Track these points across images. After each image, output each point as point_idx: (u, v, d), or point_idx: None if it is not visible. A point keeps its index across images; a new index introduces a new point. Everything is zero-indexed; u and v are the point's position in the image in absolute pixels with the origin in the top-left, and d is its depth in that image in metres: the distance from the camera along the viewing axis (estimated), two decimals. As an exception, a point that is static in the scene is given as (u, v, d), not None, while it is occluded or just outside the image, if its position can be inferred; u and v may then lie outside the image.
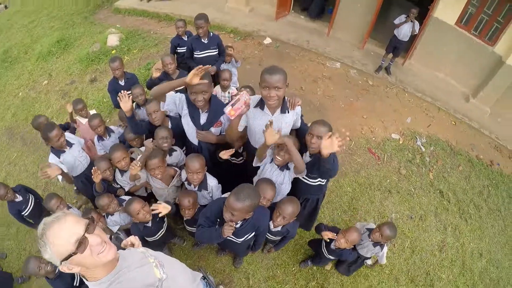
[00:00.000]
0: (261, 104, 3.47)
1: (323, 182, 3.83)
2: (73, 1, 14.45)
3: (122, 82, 5.59)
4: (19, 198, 4.52)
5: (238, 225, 3.13)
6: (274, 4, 10.71)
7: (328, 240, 4.04)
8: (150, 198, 4.75)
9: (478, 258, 5.86)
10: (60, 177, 4.36)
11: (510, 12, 7.96)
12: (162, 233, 4.09)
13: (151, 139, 4.01)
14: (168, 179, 4.14)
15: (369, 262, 4.49)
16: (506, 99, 8.82)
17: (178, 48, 6.58)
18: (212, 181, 3.97)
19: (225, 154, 3.89)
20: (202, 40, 5.78)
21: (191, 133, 3.96)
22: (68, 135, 4.60)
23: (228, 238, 3.17)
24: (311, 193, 4.03)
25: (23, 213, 4.58)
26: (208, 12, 10.65)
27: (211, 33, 5.90)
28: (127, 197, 4.29)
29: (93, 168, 3.90)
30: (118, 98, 3.97)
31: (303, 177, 3.78)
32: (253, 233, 3.40)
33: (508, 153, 8.08)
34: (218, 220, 3.20)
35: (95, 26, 11.63)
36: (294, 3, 11.38)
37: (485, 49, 8.62)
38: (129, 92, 5.33)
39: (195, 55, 5.87)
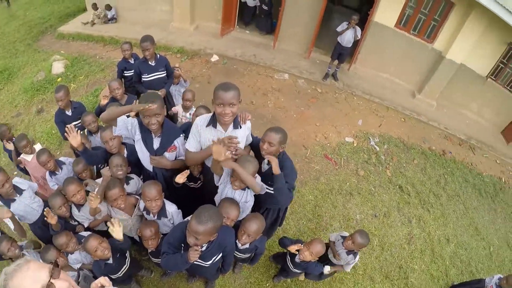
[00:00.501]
0: (213, 122, 3.37)
1: None
2: (15, 28, 14.10)
3: (69, 112, 5.29)
4: None
5: (203, 248, 3.03)
6: (219, 21, 10.81)
7: (295, 252, 3.96)
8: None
9: (446, 244, 6.08)
10: (11, 225, 3.99)
11: (445, 9, 8.41)
12: (126, 268, 3.89)
13: (108, 167, 3.89)
14: (130, 209, 3.91)
15: (327, 269, 4.41)
16: (449, 91, 9.36)
17: (125, 72, 6.36)
18: (171, 207, 3.83)
19: (180, 178, 3.79)
20: (149, 63, 5.67)
21: (145, 159, 3.79)
22: (17, 180, 4.23)
23: (195, 262, 3.05)
24: (273, 202, 3.94)
25: None
26: (153, 32, 10.60)
27: (158, 55, 5.80)
28: (87, 233, 4.01)
29: (46, 209, 3.66)
30: (65, 132, 3.81)
31: None
32: (221, 254, 3.31)
33: (458, 141, 8.50)
34: (183, 245, 3.08)
35: (39, 53, 11.31)
36: (238, 18, 11.49)
37: (425, 46, 9.10)
38: (78, 122, 5.24)
39: (143, 79, 5.74)
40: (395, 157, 7.34)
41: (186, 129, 3.93)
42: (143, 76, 5.72)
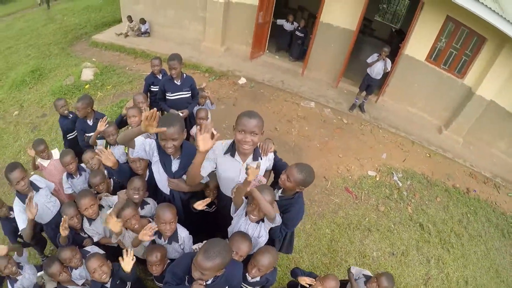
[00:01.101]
0: (231, 151, 3.30)
1: None
2: (52, 31, 14.57)
3: (90, 122, 5.32)
4: None
5: (209, 282, 2.88)
6: (249, 44, 10.93)
7: (307, 286, 3.78)
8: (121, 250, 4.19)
9: (464, 286, 5.87)
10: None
11: (477, 44, 8.32)
12: (125, 292, 3.78)
13: (124, 190, 3.86)
14: (139, 241, 3.62)
15: None
16: (476, 128, 9.15)
17: (152, 87, 6.40)
18: (183, 232, 3.72)
19: (200, 205, 3.66)
20: (175, 82, 5.62)
21: (162, 181, 3.69)
22: (36, 177, 4.27)
23: None
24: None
25: None
26: (184, 50, 11.03)
27: (184, 75, 5.75)
28: (93, 249, 3.98)
29: (63, 218, 3.60)
30: (97, 152, 3.68)
31: None
32: None
33: (482, 179, 8.27)
34: (187, 276, 2.94)
35: (71, 58, 11.58)
36: (269, 43, 11.61)
37: (455, 82, 8.98)
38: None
39: (167, 97, 5.71)
40: (417, 194, 7.21)
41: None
42: (167, 94, 5.70)
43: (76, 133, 5.69)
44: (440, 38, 8.79)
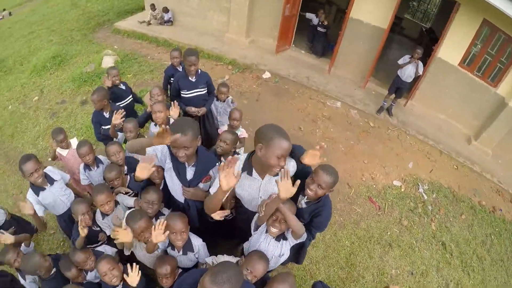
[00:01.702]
0: (248, 169, 3.08)
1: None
2: (74, 17, 14.62)
3: (107, 114, 5.21)
4: None
5: None
6: (275, 37, 10.62)
7: None
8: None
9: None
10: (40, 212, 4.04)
11: None
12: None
13: (139, 198, 3.71)
14: (153, 244, 3.49)
15: None
16: (507, 141, 8.65)
17: (171, 79, 6.13)
18: (197, 241, 3.59)
19: (217, 215, 3.44)
20: (190, 78, 5.36)
21: (177, 189, 3.52)
22: (50, 169, 4.24)
23: None
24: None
25: None
26: (207, 41, 10.93)
27: (199, 70, 5.45)
28: (105, 248, 4.01)
29: (80, 218, 3.57)
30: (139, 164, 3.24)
31: None
32: None
33: (510, 197, 7.83)
34: None
35: (93, 45, 11.54)
36: (295, 37, 11.28)
37: (487, 90, 8.50)
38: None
39: (182, 95, 5.45)
40: (442, 209, 6.85)
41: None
42: (182, 92, 5.44)
43: (128, 99, 5.93)
44: (475, 42, 8.30)
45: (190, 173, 3.34)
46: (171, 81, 6.12)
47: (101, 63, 9.79)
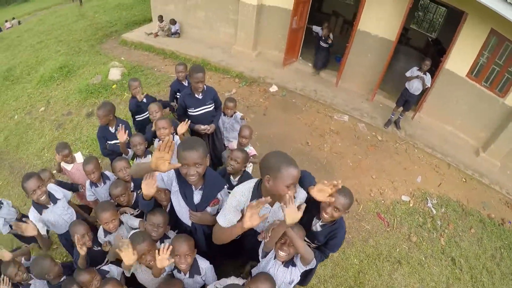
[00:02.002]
0: (258, 197, 2.92)
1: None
2: (82, 28, 14.90)
3: (112, 129, 5.12)
4: None
5: None
6: (282, 50, 10.65)
7: None
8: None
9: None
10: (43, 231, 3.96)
11: None
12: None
13: (144, 219, 3.67)
14: (158, 269, 3.31)
15: None
16: (515, 151, 8.62)
17: (178, 94, 6.15)
18: (204, 263, 3.51)
19: None
20: (196, 96, 5.20)
21: (183, 212, 3.38)
22: (52, 187, 4.16)
23: None
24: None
25: None
26: (215, 53, 11.05)
27: (205, 86, 5.24)
28: (111, 268, 3.80)
29: (76, 236, 3.45)
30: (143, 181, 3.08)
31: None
32: None
33: (518, 209, 7.80)
34: None
35: (100, 56, 11.66)
36: (302, 49, 11.29)
37: (495, 100, 8.46)
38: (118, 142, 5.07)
39: (189, 113, 5.29)
40: (451, 224, 6.81)
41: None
42: (189, 110, 5.29)
43: (146, 115, 5.84)
44: (482, 53, 8.29)
45: (197, 196, 3.21)
46: (177, 96, 6.16)
47: (108, 75, 9.86)
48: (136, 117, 6.14)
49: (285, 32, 10.25)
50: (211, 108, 5.43)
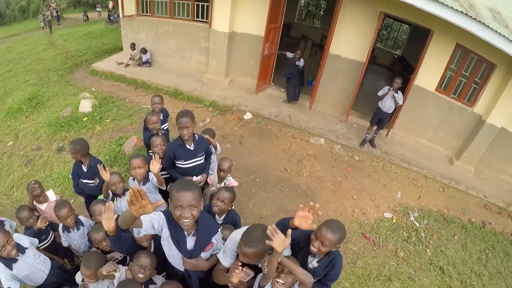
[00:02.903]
0: None
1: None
2: (52, 56, 14.73)
3: (84, 168, 4.76)
4: None
5: None
6: (255, 76, 10.78)
7: None
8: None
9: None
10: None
11: (486, 71, 8.29)
12: None
13: (129, 266, 3.45)
14: None
15: None
16: (488, 156, 9.07)
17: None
18: None
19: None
20: (187, 147, 4.59)
21: (176, 258, 3.14)
22: (18, 237, 3.77)
23: None
24: None
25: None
26: (186, 82, 11.04)
27: (196, 136, 4.70)
28: None
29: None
30: (102, 210, 2.80)
31: None
32: None
33: (496, 209, 8.11)
34: None
35: (70, 86, 11.45)
36: (274, 75, 11.44)
37: (465, 110, 8.88)
38: (92, 182, 4.84)
39: (178, 164, 4.72)
40: (435, 234, 6.98)
41: None
42: (178, 162, 4.70)
43: (165, 125, 5.74)
44: (449, 66, 8.69)
45: (190, 243, 3.01)
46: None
47: (79, 107, 9.62)
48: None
49: (257, 59, 10.39)
50: (202, 160, 4.89)
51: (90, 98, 10.13)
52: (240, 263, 2.84)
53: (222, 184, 5.05)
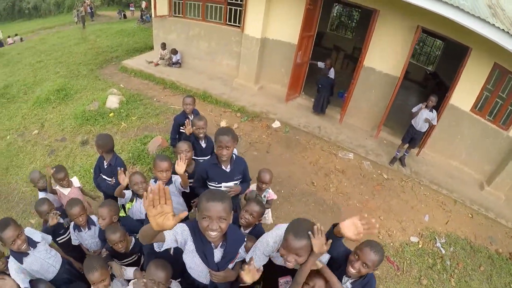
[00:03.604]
0: None
1: None
2: (83, 51, 15.07)
3: (105, 164, 4.77)
4: None
5: None
6: (285, 84, 10.67)
7: None
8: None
9: None
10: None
11: None
12: None
13: (143, 271, 3.38)
14: None
15: None
16: (520, 184, 8.62)
17: (182, 128, 5.82)
18: None
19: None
20: (224, 168, 4.10)
21: (200, 271, 2.96)
22: (29, 231, 3.75)
23: None
24: None
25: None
26: (216, 85, 11.04)
27: (234, 156, 4.26)
28: None
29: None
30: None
31: None
32: None
33: (525, 241, 7.75)
34: None
35: (99, 81, 11.63)
36: (305, 85, 11.29)
37: (499, 134, 8.53)
38: (109, 180, 4.84)
39: (210, 186, 4.21)
40: (461, 263, 6.74)
41: None
42: (210, 184, 4.20)
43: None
44: (486, 86, 8.39)
45: (218, 255, 2.85)
46: (181, 130, 5.91)
47: (106, 102, 9.70)
48: (181, 128, 5.93)
49: (288, 67, 10.28)
50: (238, 182, 4.37)
51: (118, 94, 10.21)
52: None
53: (262, 197, 4.88)
